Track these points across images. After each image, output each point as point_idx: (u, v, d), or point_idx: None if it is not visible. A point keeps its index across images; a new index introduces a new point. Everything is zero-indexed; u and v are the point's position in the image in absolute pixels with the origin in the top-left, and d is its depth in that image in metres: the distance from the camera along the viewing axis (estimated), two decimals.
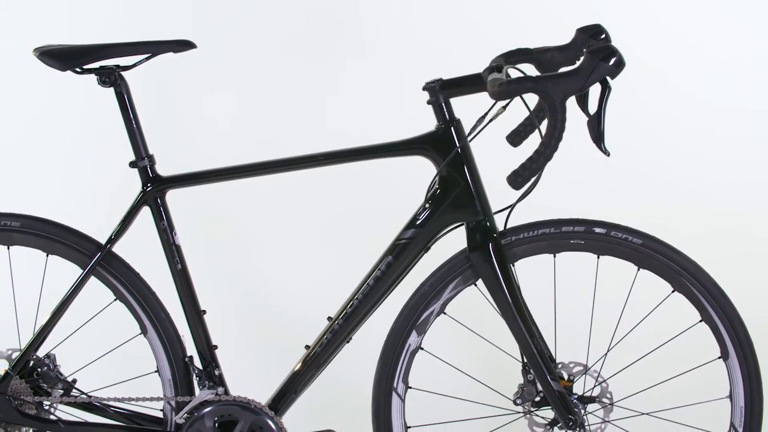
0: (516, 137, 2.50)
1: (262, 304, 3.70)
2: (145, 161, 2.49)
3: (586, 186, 3.31)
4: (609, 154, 2.10)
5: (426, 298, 2.46)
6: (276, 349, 3.25)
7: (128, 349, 2.67)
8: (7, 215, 2.57)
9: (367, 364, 2.55)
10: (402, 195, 2.66)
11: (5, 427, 2.57)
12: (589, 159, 2.44)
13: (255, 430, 2.51)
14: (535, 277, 2.51)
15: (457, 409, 2.65)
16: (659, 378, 2.53)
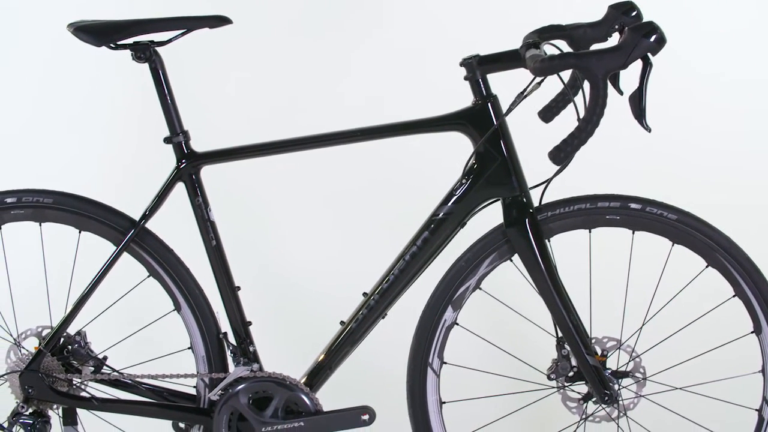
0: (548, 113, 2.59)
1: (295, 280, 3.79)
2: (179, 137, 2.56)
3: (619, 162, 3.41)
4: (650, 130, 2.21)
5: (462, 274, 2.55)
6: (310, 325, 3.32)
7: (160, 327, 2.75)
8: (39, 192, 2.63)
9: (401, 340, 2.64)
10: (435, 171, 2.75)
11: (37, 404, 2.64)
12: (621, 136, 2.53)
13: (290, 407, 2.59)
14: (567, 253, 2.59)
15: (490, 385, 2.75)
16: (692, 353, 2.62)
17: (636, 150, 3.37)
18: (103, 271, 2.59)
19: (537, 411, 2.68)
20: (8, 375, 2.64)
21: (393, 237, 2.64)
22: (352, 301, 2.60)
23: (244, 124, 3.53)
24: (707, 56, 3.62)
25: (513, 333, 2.79)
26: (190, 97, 2.66)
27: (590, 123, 2.17)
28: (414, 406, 2.62)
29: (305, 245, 3.79)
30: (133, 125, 3.69)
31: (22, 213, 2.63)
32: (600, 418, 2.59)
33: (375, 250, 2.74)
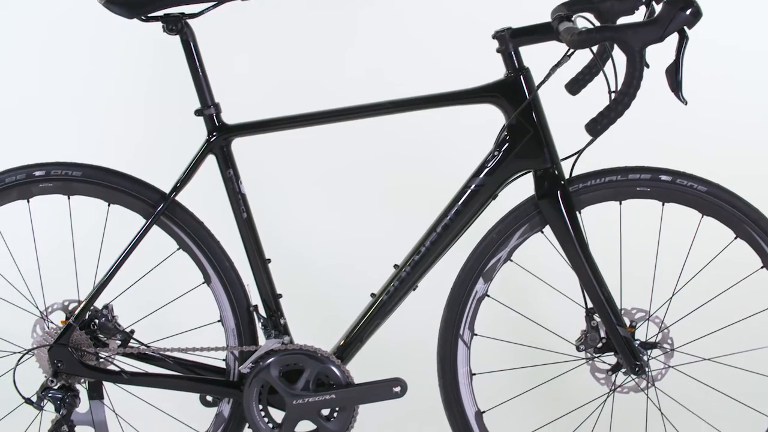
0: (575, 85, 2.68)
1: (324, 253, 3.88)
2: (210, 109, 2.63)
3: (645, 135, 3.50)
4: (687, 103, 2.30)
5: (493, 246, 2.64)
6: (338, 298, 3.43)
7: (185, 301, 2.82)
8: (68, 165, 2.69)
9: (432, 312, 2.73)
10: (463, 143, 2.84)
11: (66, 378, 2.72)
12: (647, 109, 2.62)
13: (321, 379, 2.68)
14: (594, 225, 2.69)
15: (520, 356, 2.85)
16: (720, 324, 2.73)
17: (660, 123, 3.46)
18: (133, 244, 2.65)
19: (566, 383, 2.76)
20: (36, 349, 2.67)
21: (422, 209, 2.72)
22: (382, 273, 2.68)
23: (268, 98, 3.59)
24: (726, 28, 3.68)
25: (542, 305, 2.88)
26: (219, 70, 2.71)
27: (627, 95, 2.27)
28: (444, 378, 2.70)
29: (334, 217, 3.89)
30: (163, 98, 3.76)
31: (50, 186, 2.69)
32: (628, 389, 2.68)
33: (404, 222, 2.83)
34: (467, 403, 2.71)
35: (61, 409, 2.67)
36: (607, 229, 2.69)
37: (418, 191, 3.52)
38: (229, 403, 2.76)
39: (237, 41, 3.73)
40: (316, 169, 3.85)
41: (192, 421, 2.88)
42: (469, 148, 2.72)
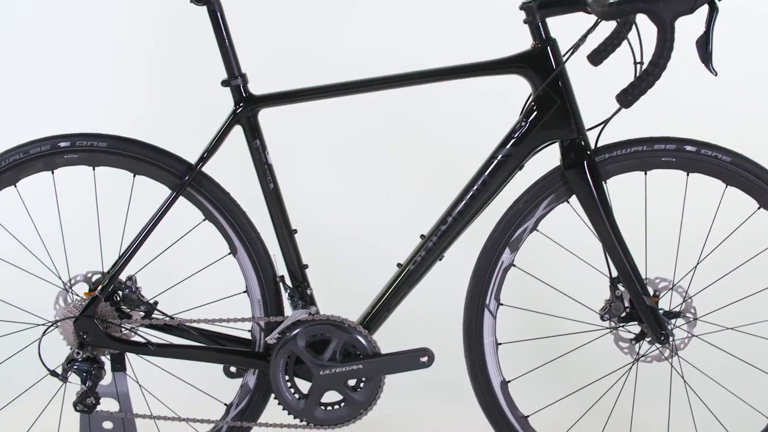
0: (597, 56, 2.77)
1: (350, 223, 3.97)
2: (237, 80, 2.69)
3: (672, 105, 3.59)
4: (716, 74, 2.40)
5: (520, 215, 2.72)
6: (364, 268, 3.52)
7: (209, 272, 2.89)
8: (93, 136, 2.74)
9: (457, 282, 2.82)
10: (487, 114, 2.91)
11: (91, 350, 2.77)
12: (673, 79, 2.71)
13: (348, 349, 2.75)
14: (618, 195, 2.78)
15: (543, 326, 2.94)
16: (743, 294, 2.83)
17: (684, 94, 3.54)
18: (159, 215, 2.71)
19: (590, 352, 2.85)
20: (62, 321, 2.74)
21: (448, 180, 2.80)
22: (408, 243, 2.76)
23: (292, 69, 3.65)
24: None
25: (565, 275, 2.95)
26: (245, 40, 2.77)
27: (657, 66, 2.36)
28: (470, 348, 2.79)
29: (360, 188, 3.97)
30: (189, 69, 3.83)
31: (75, 157, 2.73)
32: (652, 358, 2.77)
33: (430, 193, 2.89)
34: (493, 372, 2.79)
35: (87, 381, 2.72)
36: (631, 200, 2.75)
37: (444, 162, 3.61)
38: (255, 374, 2.83)
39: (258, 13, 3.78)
40: (342, 140, 3.92)
41: (213, 393, 2.95)
42: (494, 120, 2.80)
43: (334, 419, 2.76)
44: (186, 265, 2.92)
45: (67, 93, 4.00)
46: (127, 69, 3.98)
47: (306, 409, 2.75)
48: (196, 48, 2.83)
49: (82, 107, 3.96)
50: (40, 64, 4.03)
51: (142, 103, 3.95)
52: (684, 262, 2.76)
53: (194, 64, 3.73)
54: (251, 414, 2.85)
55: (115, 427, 2.86)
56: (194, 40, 2.75)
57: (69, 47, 4.01)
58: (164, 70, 3.98)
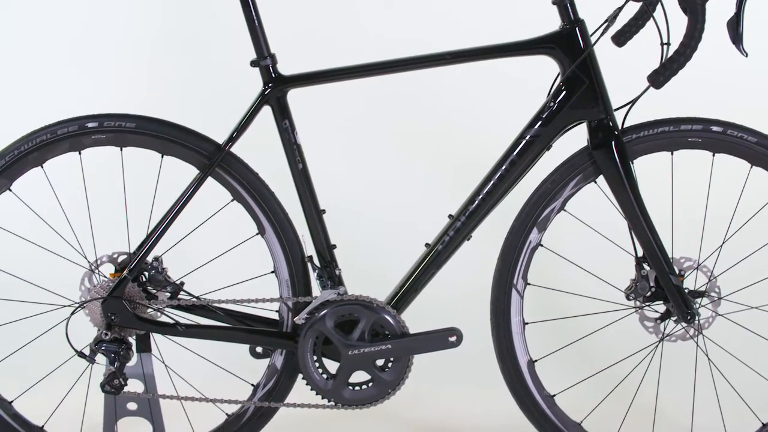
0: (621, 37, 2.83)
1: (378, 203, 4.04)
2: (267, 60, 2.74)
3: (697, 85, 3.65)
4: (747, 55, 2.48)
5: (548, 195, 2.79)
6: (391, 248, 3.59)
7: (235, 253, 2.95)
8: (121, 116, 2.78)
9: (485, 262, 2.88)
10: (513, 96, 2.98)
11: (119, 331, 2.82)
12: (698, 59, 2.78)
13: (376, 329, 2.81)
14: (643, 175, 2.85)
15: (568, 305, 3.01)
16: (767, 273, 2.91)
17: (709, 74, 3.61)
18: (187, 195, 2.76)
19: (616, 332, 2.92)
20: (90, 302, 2.79)
21: (474, 160, 2.88)
22: (435, 223, 2.82)
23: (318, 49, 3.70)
24: None
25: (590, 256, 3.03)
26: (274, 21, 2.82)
27: (688, 47, 2.44)
28: (498, 328, 2.85)
29: (389, 167, 4.05)
30: (216, 49, 3.88)
31: (103, 138, 2.78)
32: (676, 337, 2.85)
33: (456, 173, 2.95)
34: (520, 352, 2.86)
35: (115, 362, 2.76)
36: (655, 180, 2.83)
37: (471, 143, 3.68)
38: (282, 355, 2.88)
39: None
40: (370, 120, 3.99)
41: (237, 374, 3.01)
42: (520, 101, 2.88)
43: (362, 399, 2.82)
44: (210, 245, 2.97)
45: (93, 73, 4.07)
46: (157, 48, 4.07)
47: (334, 390, 2.80)
48: (224, 28, 2.85)
49: (109, 87, 4.02)
50: (65, 45, 4.11)
51: (168, 83, 4.02)
52: (709, 242, 2.81)
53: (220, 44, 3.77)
54: (278, 394, 2.90)
55: (140, 408, 2.92)
56: (222, 19, 2.77)
57: (96, 26, 4.09)
58: (190, 50, 4.05)
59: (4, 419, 2.89)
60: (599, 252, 2.95)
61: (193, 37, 4.04)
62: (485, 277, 2.84)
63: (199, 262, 2.92)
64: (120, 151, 2.82)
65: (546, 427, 2.87)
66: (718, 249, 2.80)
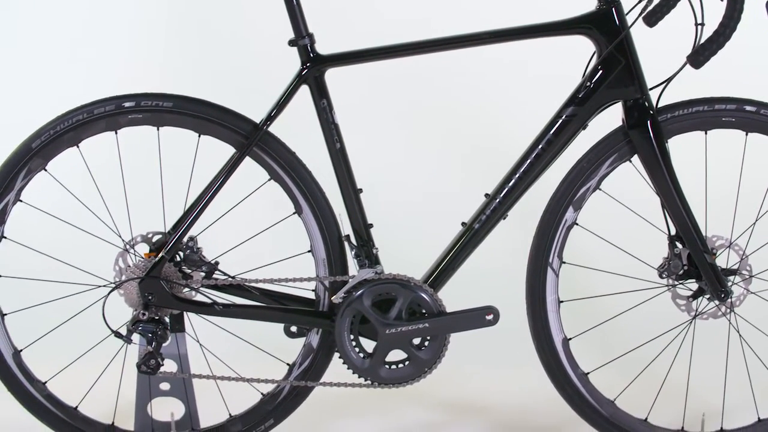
0: (652, 17, 2.88)
1: (413, 183, 4.12)
2: (305, 40, 2.79)
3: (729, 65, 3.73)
4: None
5: (584, 174, 2.86)
6: (424, 227, 3.66)
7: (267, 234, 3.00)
8: (158, 96, 2.83)
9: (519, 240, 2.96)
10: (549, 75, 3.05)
11: (156, 311, 2.86)
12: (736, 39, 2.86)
13: (413, 308, 2.88)
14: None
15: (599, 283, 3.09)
16: None
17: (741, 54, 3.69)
18: (225, 174, 2.81)
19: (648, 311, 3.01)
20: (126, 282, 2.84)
21: (508, 140, 2.95)
22: (470, 202, 2.90)
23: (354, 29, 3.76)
24: None
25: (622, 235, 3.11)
26: None
27: (728, 27, 2.53)
28: (533, 306, 2.93)
29: (425, 145, 4.12)
30: (253, 29, 3.95)
31: (140, 117, 2.83)
32: (708, 315, 2.94)
33: (491, 152, 3.02)
34: (555, 330, 2.94)
35: (152, 342, 2.81)
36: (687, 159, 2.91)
37: (506, 123, 3.76)
38: (318, 334, 2.94)
39: None
40: (408, 100, 4.06)
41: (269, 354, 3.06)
42: (555, 81, 2.95)
43: (399, 378, 2.88)
44: (243, 225, 3.02)
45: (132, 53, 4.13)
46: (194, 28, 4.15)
47: (371, 368, 2.86)
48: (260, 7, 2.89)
49: (145, 67, 4.08)
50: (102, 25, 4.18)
51: (201, 63, 4.10)
52: (741, 221, 2.91)
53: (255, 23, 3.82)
54: (314, 374, 2.96)
55: (173, 387, 2.99)
56: None
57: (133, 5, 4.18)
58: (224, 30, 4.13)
59: (38, 400, 2.94)
60: (630, 231, 3.02)
61: (229, 16, 4.12)
62: (519, 256, 2.90)
63: (232, 243, 2.97)
64: (156, 131, 2.85)
65: (580, 404, 2.94)
66: (751, 227, 2.87)
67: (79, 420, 2.98)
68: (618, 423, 2.95)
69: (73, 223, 2.99)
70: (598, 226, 2.95)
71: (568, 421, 3.11)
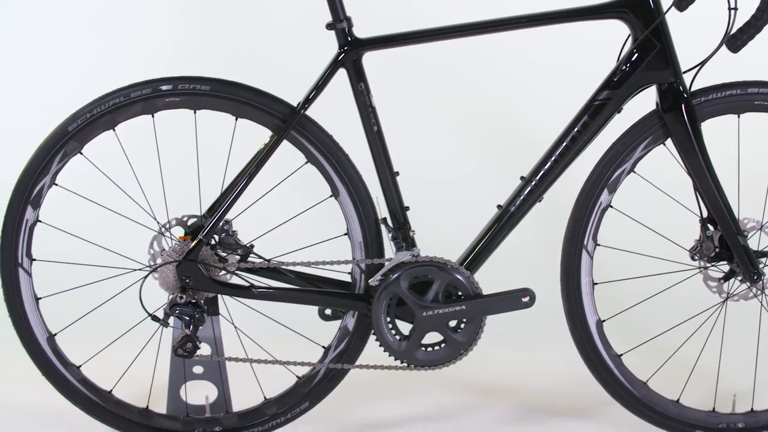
0: (683, 2, 2.95)
1: (448, 165, 4.19)
2: (343, 23, 2.84)
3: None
4: None
5: (618, 157, 2.93)
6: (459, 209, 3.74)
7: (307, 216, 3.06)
8: (196, 79, 2.87)
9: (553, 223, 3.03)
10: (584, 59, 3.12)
11: (193, 295, 2.91)
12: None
13: (449, 290, 2.94)
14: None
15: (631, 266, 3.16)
16: None
17: None
18: (262, 157, 2.86)
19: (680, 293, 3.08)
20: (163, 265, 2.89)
21: (542, 123, 3.02)
22: (505, 185, 2.98)
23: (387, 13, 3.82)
24: None
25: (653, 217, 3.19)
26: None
27: (766, 12, 2.60)
28: (568, 288, 2.99)
29: (460, 129, 4.19)
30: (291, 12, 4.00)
31: (177, 101, 2.87)
32: (739, 296, 3.02)
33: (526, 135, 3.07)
34: (589, 312, 3.00)
35: (190, 325, 2.86)
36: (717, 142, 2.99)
37: (541, 106, 3.82)
38: (354, 317, 2.99)
39: None
40: (443, 84, 4.13)
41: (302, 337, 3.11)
42: (589, 65, 3.04)
43: (435, 360, 2.94)
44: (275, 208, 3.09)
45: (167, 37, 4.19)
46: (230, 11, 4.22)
47: (407, 351, 2.92)
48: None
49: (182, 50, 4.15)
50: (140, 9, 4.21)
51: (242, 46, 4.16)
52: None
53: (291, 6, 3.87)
54: (349, 356, 3.01)
55: (206, 371, 3.04)
56: None
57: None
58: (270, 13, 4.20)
59: (72, 384, 2.98)
60: (660, 215, 3.10)
61: None
62: (551, 238, 2.96)
63: (264, 226, 3.02)
64: (193, 114, 2.90)
65: (613, 386, 3.02)
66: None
67: (113, 404, 3.02)
68: (650, 404, 3.02)
69: (106, 206, 3.00)
70: (628, 209, 2.99)
71: (597, 403, 3.22)
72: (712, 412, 3.05)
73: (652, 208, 3.12)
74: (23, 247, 2.90)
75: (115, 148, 2.96)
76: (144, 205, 2.93)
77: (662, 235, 3.01)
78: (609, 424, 3.17)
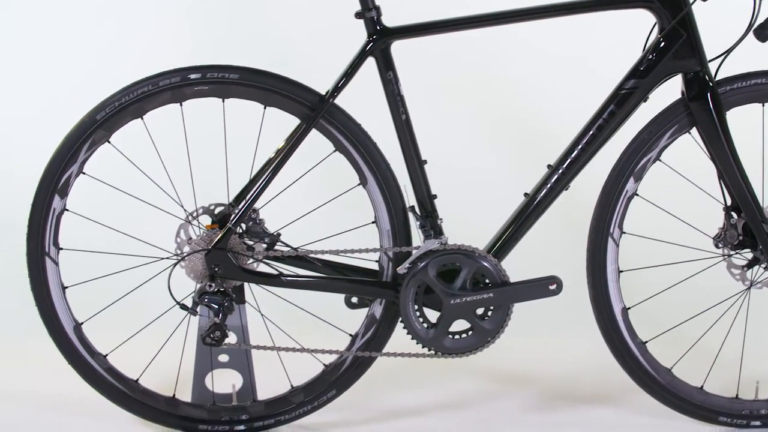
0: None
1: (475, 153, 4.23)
2: (372, 12, 2.88)
3: None
4: None
5: (644, 145, 2.98)
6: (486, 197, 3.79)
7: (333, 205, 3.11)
8: (224, 67, 2.91)
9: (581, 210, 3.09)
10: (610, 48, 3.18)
11: (221, 283, 2.94)
12: None
13: (477, 278, 2.99)
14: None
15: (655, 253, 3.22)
16: None
17: None
18: (291, 146, 2.91)
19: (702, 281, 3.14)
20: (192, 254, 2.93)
21: (569, 112, 3.08)
22: (531, 173, 3.03)
23: None
24: None
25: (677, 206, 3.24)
26: None
27: None
28: (594, 276, 3.04)
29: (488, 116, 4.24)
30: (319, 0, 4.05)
31: (206, 89, 2.91)
32: (762, 284, 3.08)
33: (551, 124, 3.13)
34: (614, 299, 3.05)
35: (219, 313, 2.90)
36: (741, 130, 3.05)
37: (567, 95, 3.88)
38: (381, 305, 3.03)
39: None
40: (473, 72, 4.18)
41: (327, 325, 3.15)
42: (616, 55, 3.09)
43: (462, 348, 2.99)
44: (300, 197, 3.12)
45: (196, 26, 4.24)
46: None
47: (435, 339, 2.97)
48: None
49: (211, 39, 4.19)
50: None
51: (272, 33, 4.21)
52: None
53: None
54: (376, 344, 3.05)
55: (231, 359, 3.09)
56: None
57: None
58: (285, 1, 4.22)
59: (99, 373, 3.01)
60: (684, 203, 3.15)
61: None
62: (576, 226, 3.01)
63: (289, 214, 3.06)
64: (222, 103, 2.93)
65: (638, 372, 3.07)
66: None
67: (140, 393, 3.05)
68: (675, 391, 3.07)
69: (133, 194, 3.04)
70: (653, 197, 3.05)
71: (620, 390, 3.28)
72: (736, 398, 3.10)
73: (676, 196, 3.14)
74: (50, 236, 2.93)
75: (142, 137, 2.97)
76: (171, 193, 2.94)
77: (687, 223, 3.04)
78: (633, 410, 3.22)
